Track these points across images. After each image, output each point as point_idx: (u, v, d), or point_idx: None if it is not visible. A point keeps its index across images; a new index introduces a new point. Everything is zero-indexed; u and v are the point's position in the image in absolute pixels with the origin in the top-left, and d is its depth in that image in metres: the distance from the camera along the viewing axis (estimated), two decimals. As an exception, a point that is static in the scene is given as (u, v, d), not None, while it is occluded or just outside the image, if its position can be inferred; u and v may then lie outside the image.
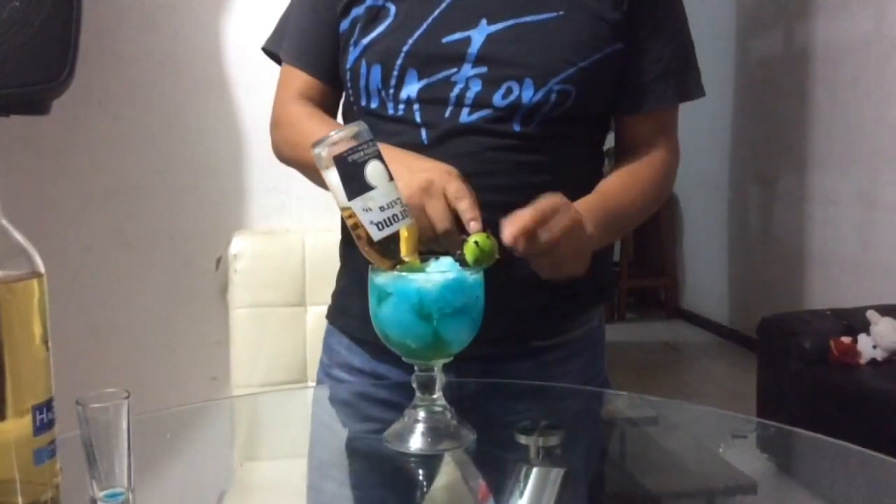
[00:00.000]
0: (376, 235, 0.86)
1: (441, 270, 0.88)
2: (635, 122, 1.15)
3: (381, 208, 0.86)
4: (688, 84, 1.15)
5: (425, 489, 0.89)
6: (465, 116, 1.04)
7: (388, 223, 0.86)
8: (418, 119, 1.06)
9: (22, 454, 0.67)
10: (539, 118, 1.05)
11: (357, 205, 0.86)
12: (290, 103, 1.17)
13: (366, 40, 1.07)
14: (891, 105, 3.50)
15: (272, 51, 1.21)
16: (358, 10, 1.08)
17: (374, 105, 1.08)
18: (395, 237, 0.87)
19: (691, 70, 1.15)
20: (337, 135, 0.86)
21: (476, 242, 0.87)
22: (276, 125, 1.19)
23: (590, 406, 1.17)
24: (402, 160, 0.96)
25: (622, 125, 1.16)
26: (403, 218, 0.87)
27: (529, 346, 1.13)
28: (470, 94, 1.04)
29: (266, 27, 1.24)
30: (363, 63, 1.07)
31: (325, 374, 1.22)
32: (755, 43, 4.68)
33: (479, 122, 1.04)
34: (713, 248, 5.24)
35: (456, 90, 1.04)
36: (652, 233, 5.75)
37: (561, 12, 1.05)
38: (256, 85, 2.08)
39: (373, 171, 0.86)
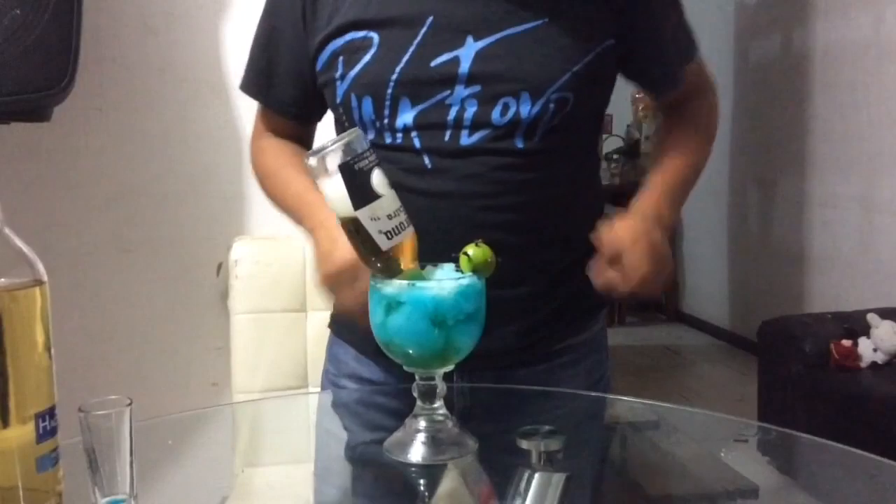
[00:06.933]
0: (385, 245, 0.84)
1: (449, 278, 0.87)
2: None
3: (389, 217, 0.84)
4: (690, 33, 1.17)
5: (428, 496, 0.89)
6: (465, 138, 1.02)
7: (396, 232, 0.84)
8: (418, 145, 1.03)
9: (25, 462, 0.67)
10: (541, 131, 1.03)
11: (365, 214, 0.83)
12: (262, 138, 1.23)
13: (352, 73, 1.05)
14: (889, 108, 3.50)
15: (245, 91, 1.23)
16: (337, 44, 1.06)
17: (371, 136, 1.06)
18: (396, 246, 0.85)
19: (685, 21, 1.17)
20: (335, 144, 0.83)
21: (467, 254, 0.86)
22: (252, 158, 1.26)
23: (591, 410, 1.17)
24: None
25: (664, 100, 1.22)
26: (408, 226, 0.86)
27: (542, 352, 1.12)
28: (468, 116, 1.02)
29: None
30: (353, 96, 1.05)
31: (331, 384, 1.20)
32: (754, 47, 4.69)
33: (480, 142, 1.02)
34: (713, 252, 5.24)
35: (452, 113, 1.02)
36: (652, 237, 5.74)
37: (545, 19, 1.03)
38: (256, 91, 2.08)
39: (378, 179, 0.84)
